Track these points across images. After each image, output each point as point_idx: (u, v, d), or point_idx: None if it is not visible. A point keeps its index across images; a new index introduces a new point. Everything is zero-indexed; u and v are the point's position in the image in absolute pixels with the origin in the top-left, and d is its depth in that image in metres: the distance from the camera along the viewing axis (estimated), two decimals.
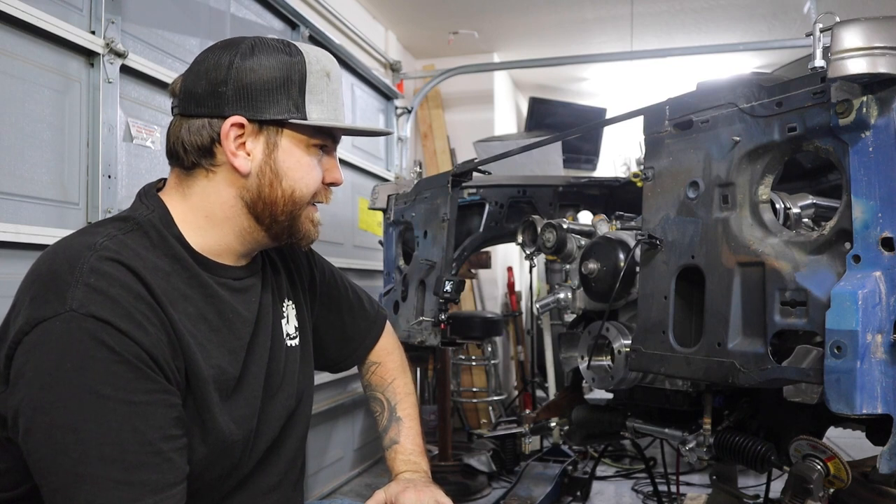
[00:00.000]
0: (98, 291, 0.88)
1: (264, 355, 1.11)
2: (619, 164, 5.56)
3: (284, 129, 1.04)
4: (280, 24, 3.11)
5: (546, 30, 4.77)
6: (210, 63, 1.03)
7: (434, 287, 2.06)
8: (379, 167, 4.16)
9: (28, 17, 1.78)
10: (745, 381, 1.24)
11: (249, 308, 1.09)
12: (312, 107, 1.05)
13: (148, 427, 0.88)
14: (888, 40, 1.04)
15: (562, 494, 3.18)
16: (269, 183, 1.05)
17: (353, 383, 3.75)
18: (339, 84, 1.11)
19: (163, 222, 1.02)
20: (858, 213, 1.09)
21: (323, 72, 1.06)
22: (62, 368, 0.85)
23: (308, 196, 1.09)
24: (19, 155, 1.80)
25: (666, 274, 1.40)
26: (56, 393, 0.85)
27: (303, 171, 1.07)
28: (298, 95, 1.04)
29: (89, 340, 0.86)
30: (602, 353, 1.76)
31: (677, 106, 1.41)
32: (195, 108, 1.03)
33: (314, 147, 1.08)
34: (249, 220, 1.06)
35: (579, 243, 2.00)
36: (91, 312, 0.86)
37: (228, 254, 1.08)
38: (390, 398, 1.38)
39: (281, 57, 1.04)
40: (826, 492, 1.31)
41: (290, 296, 1.23)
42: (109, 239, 0.95)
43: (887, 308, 1.07)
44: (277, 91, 1.03)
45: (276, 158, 1.05)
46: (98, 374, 0.85)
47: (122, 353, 0.87)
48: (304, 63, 1.05)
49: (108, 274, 0.90)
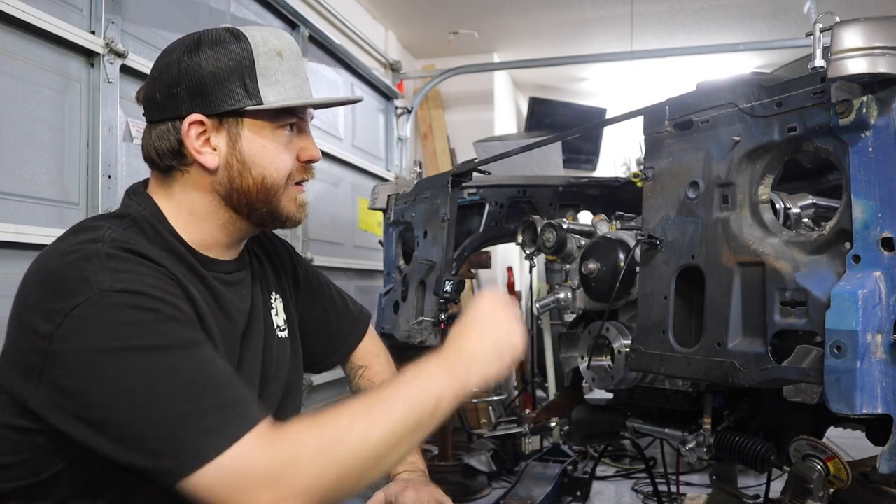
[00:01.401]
0: (121, 271, 0.89)
1: (259, 345, 1.12)
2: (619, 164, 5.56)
3: (244, 118, 1.04)
4: (280, 24, 3.11)
5: (546, 30, 4.77)
6: (162, 67, 1.05)
7: (434, 287, 2.05)
8: (379, 167, 4.16)
9: (28, 17, 1.78)
10: (745, 381, 1.24)
11: (243, 300, 1.11)
12: (267, 90, 1.04)
13: (215, 359, 0.91)
14: (888, 40, 1.04)
15: (562, 494, 3.18)
16: (238, 174, 1.05)
17: None
18: (297, 59, 1.09)
19: (156, 218, 1.04)
20: (858, 213, 1.09)
21: (273, 52, 1.05)
22: (116, 338, 0.85)
23: (281, 179, 1.08)
24: (19, 155, 1.80)
25: (666, 274, 1.40)
26: (121, 362, 0.85)
27: (270, 155, 1.06)
28: (250, 81, 1.03)
29: (130, 309, 0.87)
30: (602, 353, 1.76)
31: (677, 106, 1.41)
32: (157, 113, 1.05)
33: (280, 129, 1.07)
34: (229, 211, 1.07)
35: (579, 243, 2.00)
36: (122, 288, 0.87)
37: (217, 247, 1.09)
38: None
39: (227, 46, 1.03)
40: (826, 492, 1.31)
41: (276, 289, 1.24)
42: (113, 231, 0.96)
43: (887, 308, 1.07)
44: (228, 81, 1.02)
45: (240, 148, 1.05)
46: (151, 334, 0.87)
47: (165, 311, 0.89)
48: (251, 47, 1.04)
49: (125, 258, 0.92)
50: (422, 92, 4.51)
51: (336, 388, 3.51)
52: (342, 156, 3.65)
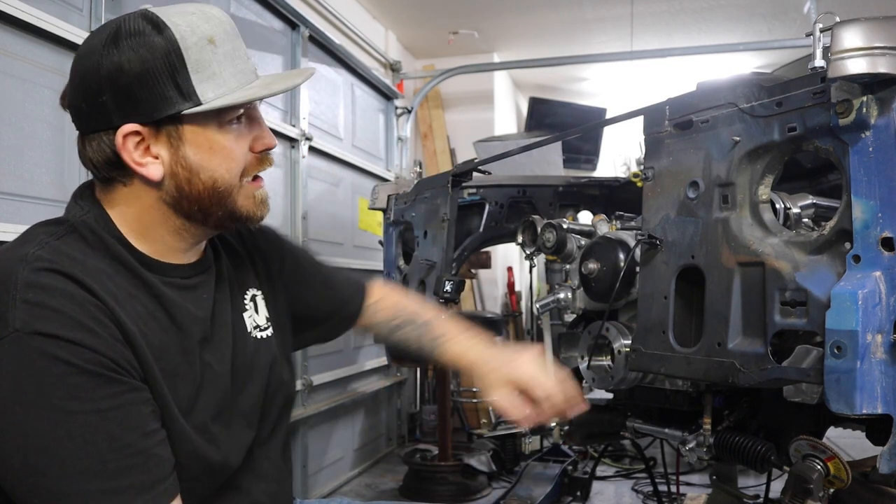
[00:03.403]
0: (38, 306, 0.82)
1: (226, 352, 1.03)
2: (619, 164, 5.57)
3: (184, 122, 0.92)
4: (280, 24, 3.11)
5: (546, 30, 4.77)
6: (81, 72, 0.92)
7: (434, 287, 2.06)
8: (379, 167, 4.16)
9: (28, 17, 1.78)
10: (745, 381, 1.24)
11: (201, 306, 1.01)
12: (205, 86, 0.91)
13: (124, 430, 0.83)
14: (888, 40, 1.04)
15: (562, 494, 3.18)
16: (186, 181, 0.94)
17: (353, 383, 3.75)
18: (233, 40, 0.95)
19: (99, 223, 0.94)
20: (858, 213, 1.08)
21: (203, 40, 0.92)
22: (21, 391, 0.80)
23: (234, 179, 0.97)
24: (19, 155, 1.80)
25: (666, 274, 1.40)
26: (20, 417, 0.80)
27: (219, 156, 0.95)
28: (183, 80, 0.90)
29: (41, 358, 0.80)
30: (602, 353, 1.76)
31: (677, 106, 1.41)
32: (85, 125, 0.93)
33: (227, 123, 0.95)
34: (180, 219, 0.97)
35: (579, 243, 2.00)
36: (36, 329, 0.81)
37: (172, 252, 0.99)
38: (410, 317, 1.31)
39: (148, 40, 0.90)
40: (826, 492, 1.31)
41: (256, 285, 1.15)
42: (41, 247, 0.88)
43: (887, 308, 1.07)
44: (158, 83, 0.90)
45: (184, 155, 0.93)
46: (59, 391, 0.81)
47: (79, 364, 0.82)
48: (175, 39, 0.90)
49: (46, 285, 0.84)
50: (422, 92, 4.51)
51: (336, 388, 3.51)
52: (342, 156, 3.65)
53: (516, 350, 1.19)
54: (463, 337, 1.26)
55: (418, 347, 1.29)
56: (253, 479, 1.08)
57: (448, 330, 1.28)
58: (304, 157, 3.18)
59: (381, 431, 4.15)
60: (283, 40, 3.15)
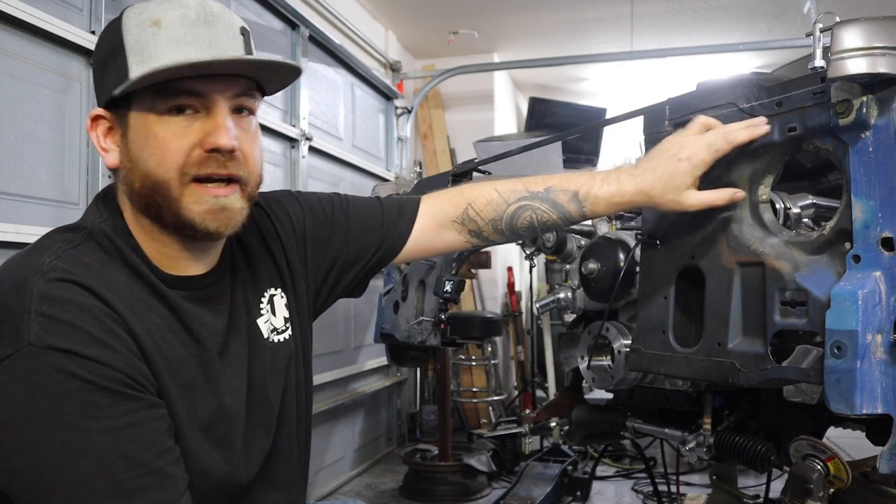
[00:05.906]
0: (53, 319, 0.80)
1: (242, 364, 1.01)
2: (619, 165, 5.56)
3: (131, 108, 0.89)
4: (280, 23, 3.12)
5: (546, 30, 4.77)
6: None
7: (434, 287, 2.06)
8: (379, 167, 4.17)
9: (28, 17, 1.78)
10: (745, 381, 1.24)
11: (218, 317, 0.99)
12: (137, 67, 0.87)
13: (139, 449, 0.82)
14: (888, 40, 1.03)
15: (562, 494, 3.18)
16: (129, 171, 0.91)
17: (353, 383, 3.75)
18: (190, 27, 0.89)
19: (117, 231, 0.92)
20: (858, 213, 1.08)
21: (146, 22, 0.88)
22: (35, 408, 0.78)
23: (169, 175, 0.89)
24: (19, 155, 1.80)
25: (666, 274, 1.40)
26: (34, 434, 0.78)
27: (152, 147, 0.89)
28: (122, 60, 0.88)
29: (56, 374, 0.79)
30: (602, 353, 1.76)
31: (677, 106, 1.41)
32: None
33: (168, 113, 0.89)
34: (147, 220, 0.93)
35: (579, 243, 2.00)
36: (51, 344, 0.79)
37: (181, 261, 0.96)
38: (502, 195, 1.26)
39: (110, 27, 0.92)
40: (826, 492, 1.31)
41: (275, 283, 1.11)
42: (56, 257, 0.86)
43: (887, 308, 1.06)
44: (106, 66, 0.90)
45: (129, 141, 0.91)
46: (74, 408, 0.79)
47: (94, 381, 0.80)
48: (119, 22, 0.90)
49: (61, 297, 0.82)
50: (422, 92, 4.51)
51: (336, 388, 3.52)
52: (342, 156, 3.65)
53: (645, 161, 1.20)
54: (590, 178, 1.22)
55: (559, 216, 1.23)
56: (265, 488, 1.06)
57: (571, 182, 1.23)
58: (304, 156, 3.18)
59: (381, 431, 4.15)
60: (283, 40, 3.15)
